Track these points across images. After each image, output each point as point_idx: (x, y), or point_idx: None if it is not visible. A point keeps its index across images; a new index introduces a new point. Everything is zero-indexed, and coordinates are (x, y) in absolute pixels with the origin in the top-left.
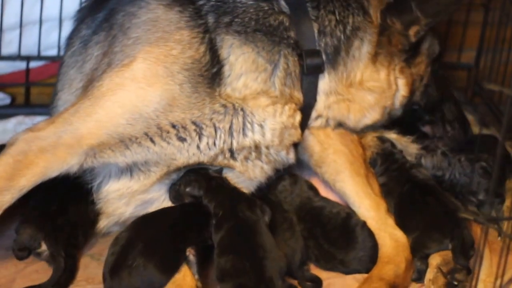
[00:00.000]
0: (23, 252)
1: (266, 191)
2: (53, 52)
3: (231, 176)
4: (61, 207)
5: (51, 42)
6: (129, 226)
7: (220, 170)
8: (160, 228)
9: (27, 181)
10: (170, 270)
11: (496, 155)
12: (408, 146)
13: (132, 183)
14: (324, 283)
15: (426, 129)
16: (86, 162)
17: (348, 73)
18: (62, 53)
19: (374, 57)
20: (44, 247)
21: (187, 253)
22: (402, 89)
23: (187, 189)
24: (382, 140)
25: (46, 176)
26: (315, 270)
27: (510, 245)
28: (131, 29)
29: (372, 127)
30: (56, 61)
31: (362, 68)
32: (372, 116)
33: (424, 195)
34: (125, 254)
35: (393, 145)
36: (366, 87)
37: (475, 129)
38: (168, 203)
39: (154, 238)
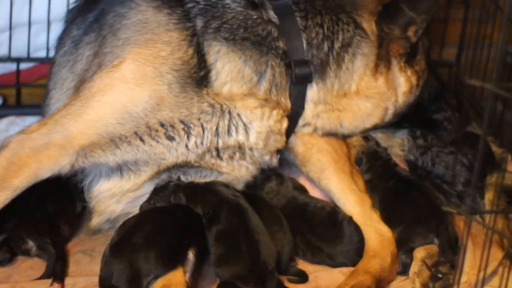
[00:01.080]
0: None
1: (252, 190)
2: (42, 53)
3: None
4: (38, 203)
5: (40, 43)
6: (140, 212)
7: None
8: (171, 219)
9: (20, 182)
10: (169, 262)
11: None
12: (394, 146)
13: (123, 182)
14: (311, 276)
15: (436, 116)
16: (77, 162)
17: (341, 85)
18: (51, 54)
19: (373, 69)
20: (30, 243)
21: (188, 251)
22: (403, 85)
23: (172, 200)
24: (366, 139)
25: (38, 177)
26: (302, 264)
27: (492, 238)
28: (121, 30)
29: (375, 128)
30: (46, 63)
31: (357, 80)
32: (371, 121)
33: (409, 190)
34: (130, 234)
35: (377, 144)
36: (362, 95)
37: None
38: None
39: (162, 226)
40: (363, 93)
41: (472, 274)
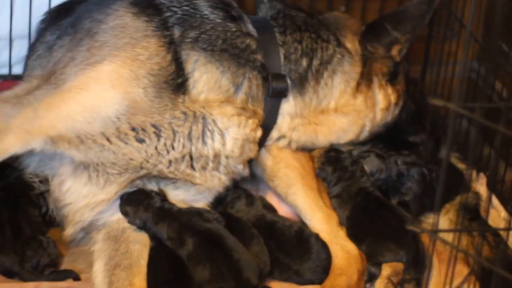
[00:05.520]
0: None
1: (221, 207)
2: (5, 70)
3: (191, 193)
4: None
5: (2, 61)
6: None
7: (163, 197)
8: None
9: None
10: None
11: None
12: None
13: (98, 190)
14: None
15: (414, 138)
16: (45, 147)
17: (319, 100)
18: (14, 71)
19: (355, 87)
20: None
21: None
22: (380, 102)
23: (130, 218)
24: (326, 149)
25: (7, 153)
26: (267, 281)
27: (457, 256)
28: (99, 34)
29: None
30: (8, 80)
31: (337, 97)
32: (346, 137)
33: (378, 208)
34: None
35: (338, 150)
36: (340, 112)
37: None
38: None
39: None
40: (341, 110)
41: None
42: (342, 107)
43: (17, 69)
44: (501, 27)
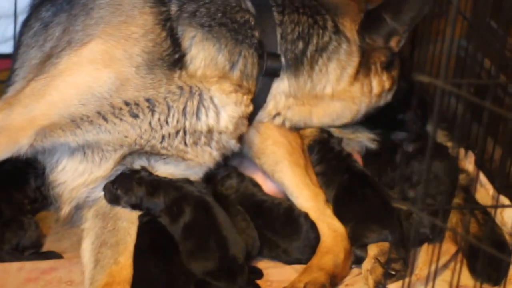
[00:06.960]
0: None
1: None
2: None
3: (181, 168)
4: None
5: None
6: None
7: (149, 173)
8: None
9: None
10: None
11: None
12: (352, 141)
13: (94, 167)
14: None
15: (401, 116)
16: (36, 141)
17: (313, 85)
18: (1, 49)
19: (353, 75)
20: None
21: None
22: (375, 88)
23: (125, 199)
24: (320, 130)
25: None
26: (253, 261)
27: (445, 234)
28: (94, 10)
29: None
30: None
31: (333, 83)
32: (340, 121)
33: (363, 187)
34: None
35: (330, 134)
36: (336, 98)
37: None
38: None
39: None
40: (337, 96)
41: (424, 268)
42: (340, 94)
43: (2, 48)
44: (489, 4)
